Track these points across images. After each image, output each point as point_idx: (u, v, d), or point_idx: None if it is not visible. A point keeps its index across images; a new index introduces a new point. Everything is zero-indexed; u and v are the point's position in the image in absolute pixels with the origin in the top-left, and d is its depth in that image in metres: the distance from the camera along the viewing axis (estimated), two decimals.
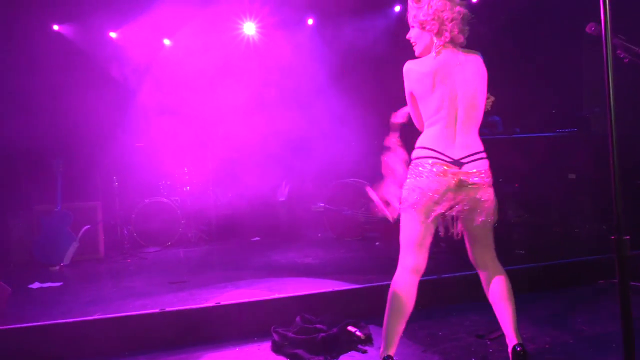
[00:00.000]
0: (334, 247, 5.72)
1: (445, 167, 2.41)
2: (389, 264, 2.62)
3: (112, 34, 6.96)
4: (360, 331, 3.23)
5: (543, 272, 4.30)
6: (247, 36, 7.21)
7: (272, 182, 6.72)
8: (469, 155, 2.44)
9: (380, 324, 2.71)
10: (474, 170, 2.44)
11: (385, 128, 2.88)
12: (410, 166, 2.54)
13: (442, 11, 2.42)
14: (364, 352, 3.09)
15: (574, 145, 5.59)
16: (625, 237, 1.36)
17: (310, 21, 7.49)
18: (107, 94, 6.39)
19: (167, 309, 3.42)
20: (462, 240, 2.72)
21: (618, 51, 2.68)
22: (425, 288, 3.81)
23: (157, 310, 3.41)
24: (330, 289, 3.79)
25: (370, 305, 3.57)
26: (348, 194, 6.16)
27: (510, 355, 2.53)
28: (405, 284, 2.52)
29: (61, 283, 4.63)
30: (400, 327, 2.53)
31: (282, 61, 6.81)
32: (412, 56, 2.62)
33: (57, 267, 5.32)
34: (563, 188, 5.53)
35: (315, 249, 5.66)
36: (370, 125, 6.07)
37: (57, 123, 6.17)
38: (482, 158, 2.48)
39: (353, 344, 3.17)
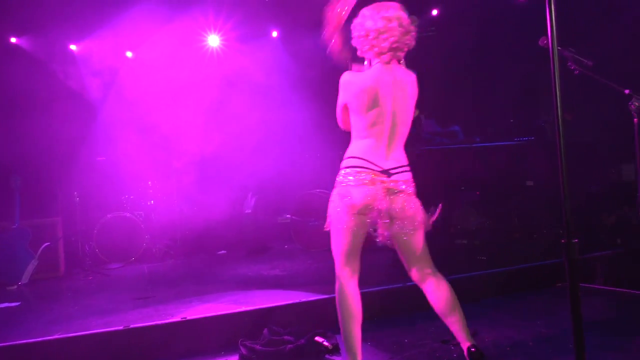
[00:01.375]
0: (301, 258, 5.73)
1: (374, 176, 2.49)
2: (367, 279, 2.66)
3: (73, 47, 6.84)
4: (327, 341, 3.25)
5: (504, 277, 4.42)
6: (211, 48, 7.21)
7: (238, 195, 6.70)
8: (397, 167, 2.54)
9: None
10: (401, 180, 2.53)
11: (349, 139, 2.93)
12: (339, 175, 2.58)
13: (376, 29, 2.44)
14: None
15: (531, 153, 5.79)
16: (574, 241, 1.43)
17: (274, 34, 7.54)
18: (68, 107, 6.26)
19: (132, 326, 3.36)
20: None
21: (569, 63, 2.82)
22: (391, 296, 3.90)
23: (121, 328, 3.34)
24: (297, 300, 3.80)
25: (337, 315, 3.59)
26: (314, 204, 6.18)
27: (467, 357, 2.61)
28: (347, 290, 2.59)
29: (19, 303, 4.49)
30: (357, 331, 2.57)
31: (247, 73, 6.83)
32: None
33: (15, 287, 5.16)
34: (521, 195, 5.71)
35: (283, 260, 5.66)
36: (335, 136, 6.14)
37: (15, 138, 5.99)
38: (407, 171, 2.59)
39: (321, 354, 3.19)
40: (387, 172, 2.51)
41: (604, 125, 6.13)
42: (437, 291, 2.63)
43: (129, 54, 7.17)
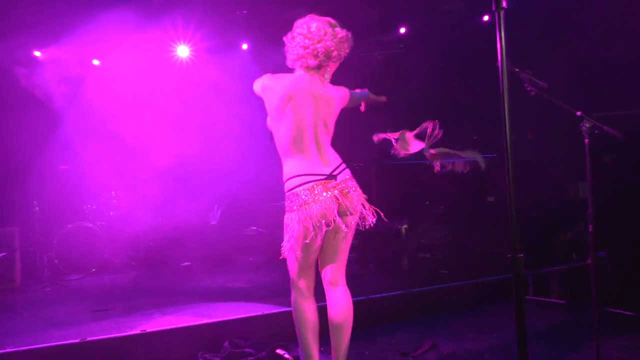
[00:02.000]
0: (265, 270, 5.71)
1: (323, 185, 2.46)
2: (321, 287, 2.68)
3: (37, 53, 6.70)
4: (289, 354, 3.25)
5: (465, 290, 4.52)
6: (180, 59, 7.17)
7: (203, 206, 6.64)
8: (337, 167, 2.53)
9: None
10: (347, 178, 2.53)
11: None
12: (289, 200, 2.54)
13: (303, 37, 2.49)
14: None
15: (493, 170, 5.94)
16: (519, 255, 1.49)
17: (244, 46, 7.56)
18: (31, 113, 6.12)
19: (89, 339, 3.29)
20: (390, 261, 2.82)
21: (525, 84, 2.93)
22: (354, 310, 3.92)
23: (77, 341, 3.27)
24: (260, 313, 3.79)
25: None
26: (281, 217, 6.19)
27: None
28: (302, 300, 2.61)
29: None
30: (313, 340, 2.58)
31: (216, 84, 6.81)
32: (344, 82, 2.77)
33: None
34: (483, 210, 5.85)
35: (247, 273, 5.62)
36: None
37: None
38: (346, 167, 2.59)
39: None
40: (332, 177, 2.50)
41: (564, 144, 6.35)
42: (341, 303, 2.57)
43: (96, 62, 7.07)
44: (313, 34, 2.49)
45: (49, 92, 6.48)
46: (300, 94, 2.49)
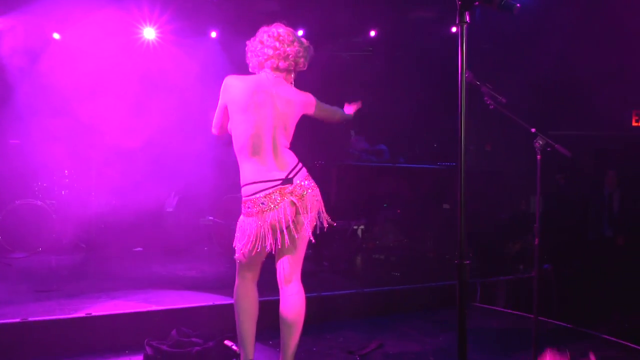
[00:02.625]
0: (219, 261, 5.66)
1: (280, 192, 2.51)
2: (272, 280, 2.69)
3: None
4: (236, 346, 3.23)
5: (414, 294, 4.62)
6: (146, 40, 7.01)
7: (160, 192, 6.51)
8: (292, 170, 2.55)
9: (259, 340, 2.77)
10: (302, 179, 2.56)
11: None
12: (246, 205, 2.58)
13: (260, 41, 2.59)
14: None
15: (450, 178, 6.10)
16: (465, 262, 1.54)
17: (213, 34, 7.47)
18: None
19: (30, 319, 3.19)
20: (344, 260, 2.86)
21: (485, 98, 3.02)
22: (306, 306, 3.95)
23: (17, 320, 3.16)
24: (210, 303, 3.76)
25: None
26: (237, 208, 6.15)
27: None
28: (244, 289, 2.69)
29: None
30: (250, 329, 2.66)
31: (182, 69, 6.70)
32: (311, 78, 2.86)
33: None
34: (438, 217, 5.99)
35: (200, 262, 5.56)
36: None
37: None
38: (302, 167, 2.61)
39: (228, 357, 3.18)
40: (288, 180, 2.53)
41: (520, 158, 6.59)
42: (294, 300, 2.60)
43: (56, 36, 6.82)
44: (283, 37, 2.56)
45: (3, 62, 6.21)
46: (264, 93, 2.54)
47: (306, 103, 2.66)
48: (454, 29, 7.58)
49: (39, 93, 6.07)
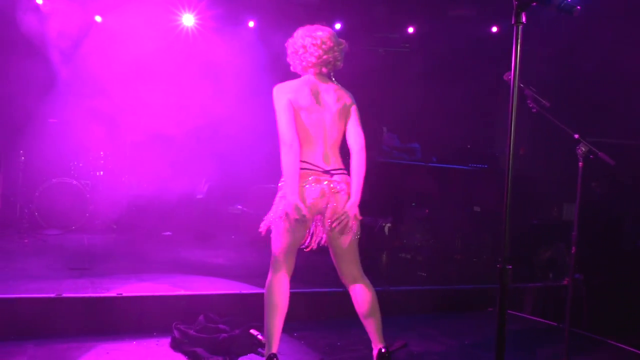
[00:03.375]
0: (246, 250, 5.70)
1: (318, 176, 2.66)
2: (299, 272, 2.71)
3: (39, 0, 6.55)
4: (262, 335, 3.26)
5: (440, 295, 4.57)
6: (185, 27, 7.08)
7: (191, 178, 6.60)
8: (337, 169, 2.73)
9: (284, 331, 2.78)
10: (341, 181, 2.70)
11: None
12: (282, 180, 2.70)
13: (303, 46, 2.69)
14: (263, 355, 3.12)
15: (482, 180, 6.01)
16: (507, 267, 1.52)
17: (251, 23, 7.49)
18: (25, 62, 5.98)
19: (64, 295, 3.28)
20: (370, 257, 2.87)
21: (528, 101, 2.95)
22: (330, 300, 3.96)
23: (52, 295, 3.25)
24: (237, 291, 3.80)
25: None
26: (267, 199, 6.17)
27: (375, 357, 2.78)
28: (279, 285, 2.72)
29: None
30: (278, 324, 2.69)
31: (219, 58, 6.74)
32: (346, 73, 2.88)
33: None
34: (468, 219, 5.91)
35: (228, 250, 5.62)
36: None
37: None
38: (345, 173, 2.75)
39: (254, 347, 3.20)
40: (329, 172, 2.68)
41: (554, 164, 6.44)
42: (362, 295, 2.76)
43: (98, 19, 6.94)
44: (327, 44, 2.67)
45: (47, 43, 6.35)
46: (314, 98, 2.67)
47: (347, 109, 2.76)
48: (494, 29, 7.45)
49: (79, 75, 6.20)
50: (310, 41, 2.66)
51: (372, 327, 2.76)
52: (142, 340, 3.20)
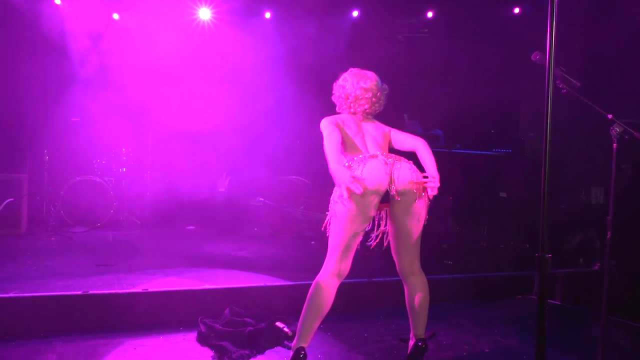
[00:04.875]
0: (269, 242, 5.71)
1: (371, 157, 2.60)
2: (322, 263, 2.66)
3: (57, 0, 6.60)
4: (288, 328, 3.24)
5: (467, 283, 4.49)
6: (202, 21, 7.06)
7: (213, 172, 6.61)
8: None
9: None
10: (394, 156, 2.67)
11: None
12: (352, 162, 2.62)
13: (355, 95, 2.78)
14: (290, 348, 3.08)
15: (507, 166, 5.87)
16: (547, 255, 1.44)
17: (267, 14, 7.43)
18: (48, 62, 6.05)
19: (91, 292, 3.30)
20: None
21: (558, 81, 2.83)
22: (356, 290, 3.92)
23: (79, 292, 3.28)
24: (262, 284, 3.78)
25: (301, 303, 3.57)
26: (289, 191, 6.16)
27: (411, 348, 2.75)
28: (327, 286, 2.60)
29: None
30: (315, 325, 2.62)
31: (236, 51, 6.71)
32: (365, 61, 2.91)
33: None
34: (493, 205, 5.79)
35: (251, 243, 5.62)
36: (318, 126, 6.09)
37: None
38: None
39: (280, 339, 3.18)
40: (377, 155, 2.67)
41: (578, 146, 6.25)
42: (418, 289, 2.73)
43: (115, 16, 6.96)
44: (376, 96, 2.79)
45: (68, 42, 6.39)
46: (357, 127, 2.78)
47: (387, 135, 2.87)
48: (516, 10, 7.24)
49: (99, 72, 6.24)
50: (362, 93, 2.77)
51: (418, 321, 2.75)
52: (168, 335, 3.21)
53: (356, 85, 2.77)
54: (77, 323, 3.20)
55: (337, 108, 2.91)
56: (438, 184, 2.63)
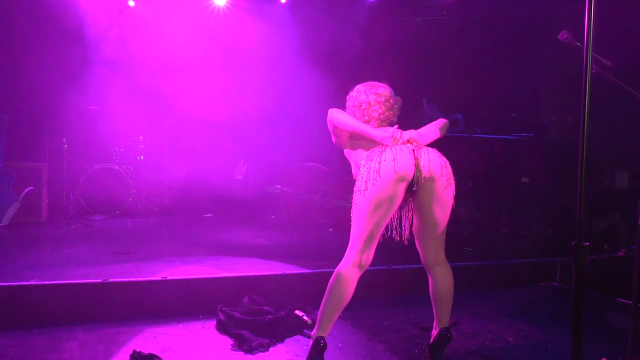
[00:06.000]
0: (287, 230, 5.68)
1: (411, 149, 2.53)
2: (341, 252, 2.61)
3: None
4: (307, 316, 3.22)
5: (488, 270, 4.42)
6: (217, 7, 6.99)
7: (230, 160, 6.59)
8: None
9: None
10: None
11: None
12: (375, 149, 2.56)
13: (367, 102, 2.76)
14: (309, 336, 3.06)
15: (528, 150, 5.74)
16: (585, 244, 1.38)
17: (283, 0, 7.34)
18: (64, 50, 6.04)
19: (111, 280, 3.31)
20: (412, 232, 2.75)
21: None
22: (375, 278, 3.86)
23: (99, 280, 3.29)
24: (280, 272, 3.76)
25: (319, 291, 3.53)
26: (306, 178, 6.12)
27: (435, 337, 2.71)
28: (347, 277, 2.55)
29: None
30: (335, 315, 2.58)
31: (251, 37, 6.65)
32: (382, 45, 2.72)
33: None
34: (515, 190, 5.67)
35: (268, 230, 5.60)
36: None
37: (5, 76, 5.80)
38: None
39: (299, 328, 3.16)
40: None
41: (600, 130, 6.08)
42: (443, 279, 2.69)
43: (131, 3, 6.93)
44: (389, 102, 2.76)
45: (84, 29, 6.38)
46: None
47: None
48: None
49: (116, 60, 6.22)
50: (375, 98, 2.75)
51: (443, 310, 2.70)
52: (188, 323, 3.21)
53: (369, 92, 2.78)
54: (97, 311, 3.22)
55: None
56: (417, 139, 2.60)
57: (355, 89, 2.84)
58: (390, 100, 2.77)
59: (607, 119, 5.75)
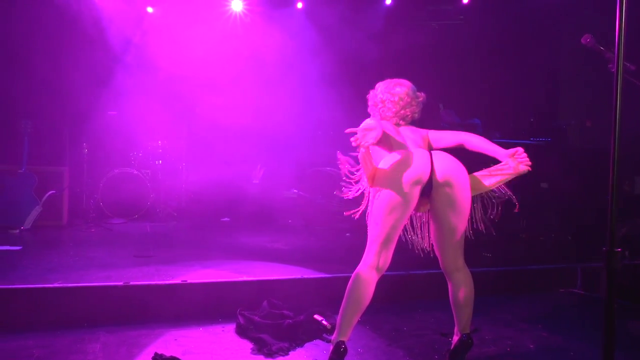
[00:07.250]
0: (304, 234, 5.69)
1: (427, 154, 2.57)
2: (359, 256, 2.62)
3: None
4: (326, 320, 3.22)
5: (507, 277, 4.38)
6: (234, 13, 7.06)
7: (247, 164, 6.63)
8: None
9: None
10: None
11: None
12: (393, 152, 2.58)
13: (383, 100, 2.78)
14: (329, 341, 3.06)
15: (548, 155, 5.69)
16: (617, 250, 1.37)
17: (299, 5, 7.38)
18: (85, 57, 6.15)
19: (132, 283, 3.34)
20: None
21: (610, 65, 2.70)
22: (394, 283, 3.86)
23: (120, 284, 3.33)
24: (299, 276, 3.77)
25: (338, 296, 3.54)
26: (323, 182, 6.12)
27: (456, 342, 2.70)
28: (365, 280, 2.55)
29: (20, 247, 4.47)
30: (355, 319, 2.58)
31: (268, 42, 6.69)
32: (399, 50, 2.74)
33: (17, 231, 5.15)
34: (534, 196, 5.62)
35: (286, 234, 5.62)
36: (352, 117, 6.02)
37: (29, 82, 5.90)
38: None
39: (319, 332, 3.16)
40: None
41: (623, 134, 6.01)
42: (462, 286, 2.68)
43: (149, 9, 7.03)
44: (403, 100, 2.75)
45: (104, 36, 6.47)
46: (395, 130, 2.73)
47: (425, 137, 2.86)
48: None
49: (135, 66, 6.31)
50: (389, 97, 2.76)
51: (463, 316, 2.70)
52: (207, 326, 3.23)
53: (384, 91, 2.79)
54: (119, 313, 3.26)
55: (371, 117, 2.85)
56: (524, 154, 2.71)
57: (376, 86, 2.86)
58: (405, 99, 2.75)
59: (626, 124, 5.70)
